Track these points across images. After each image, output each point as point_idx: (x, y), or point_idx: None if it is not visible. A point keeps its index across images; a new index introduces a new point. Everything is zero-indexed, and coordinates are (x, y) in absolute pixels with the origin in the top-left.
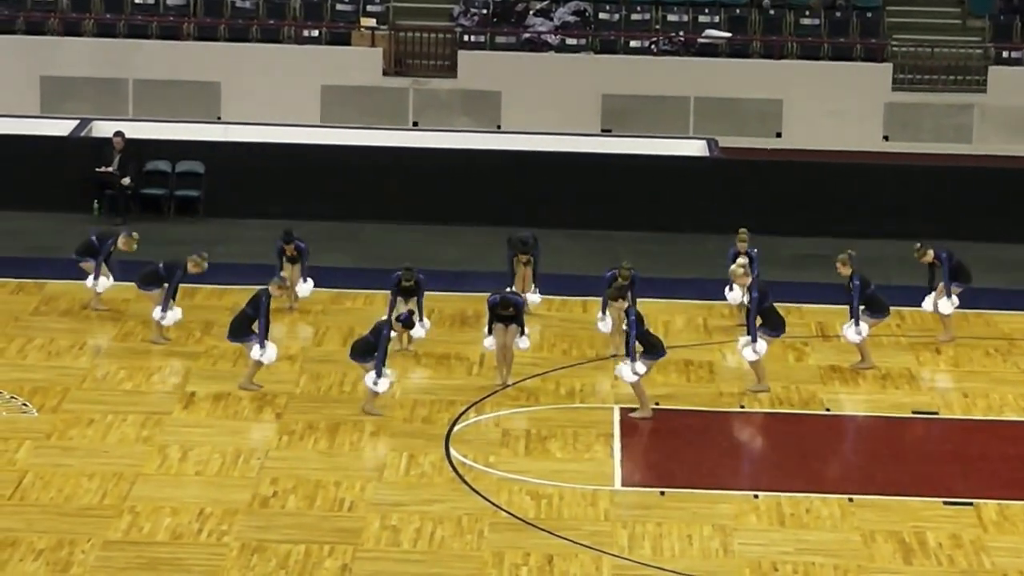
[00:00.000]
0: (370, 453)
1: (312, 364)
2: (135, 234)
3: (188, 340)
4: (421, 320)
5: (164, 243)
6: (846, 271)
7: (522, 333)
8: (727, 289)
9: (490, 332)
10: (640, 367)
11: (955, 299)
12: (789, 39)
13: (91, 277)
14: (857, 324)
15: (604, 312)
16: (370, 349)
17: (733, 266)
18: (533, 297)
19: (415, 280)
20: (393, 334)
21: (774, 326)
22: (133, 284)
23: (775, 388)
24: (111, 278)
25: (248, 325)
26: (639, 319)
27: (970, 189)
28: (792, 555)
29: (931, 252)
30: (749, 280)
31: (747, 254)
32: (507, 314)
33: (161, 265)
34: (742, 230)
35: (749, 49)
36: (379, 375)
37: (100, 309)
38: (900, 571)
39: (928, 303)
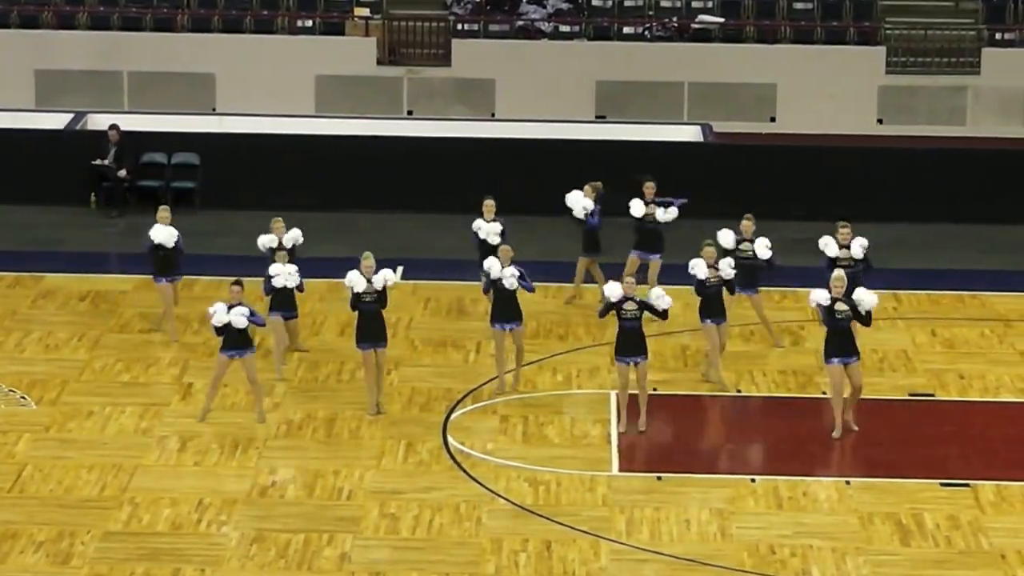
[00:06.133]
0: (368, 442)
1: (309, 353)
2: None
3: (186, 331)
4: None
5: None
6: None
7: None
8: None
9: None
10: None
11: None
12: (782, 23)
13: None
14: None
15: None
16: None
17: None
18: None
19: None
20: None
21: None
22: (130, 276)
23: (772, 372)
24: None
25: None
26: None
27: (965, 171)
28: (790, 538)
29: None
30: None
31: (751, 240)
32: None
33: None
34: (748, 216)
35: (742, 34)
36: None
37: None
38: (898, 553)
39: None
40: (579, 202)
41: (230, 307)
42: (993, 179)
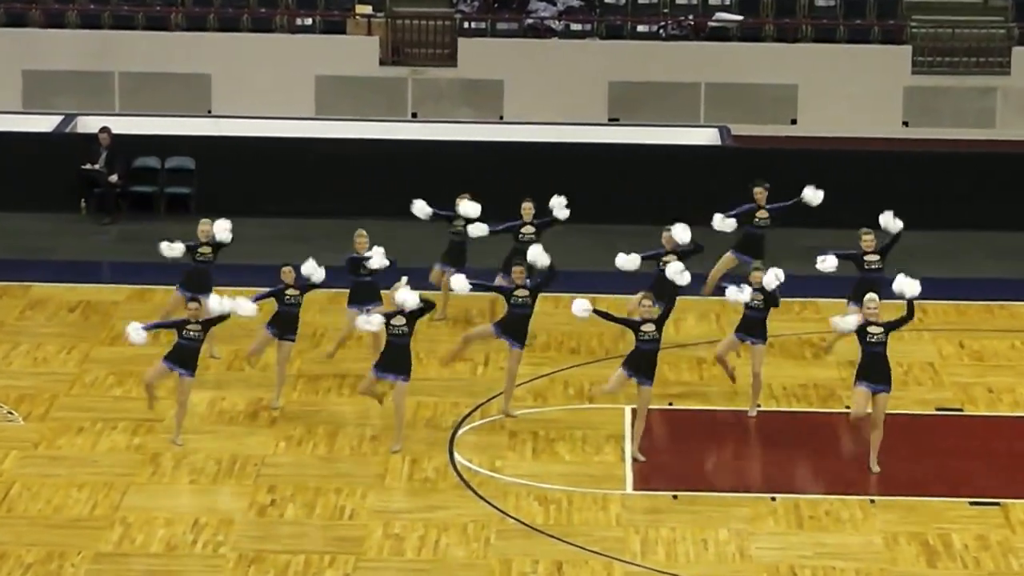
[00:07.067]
0: (371, 458)
1: (309, 366)
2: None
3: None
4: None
5: (155, 242)
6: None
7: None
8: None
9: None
10: None
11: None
12: (804, 21)
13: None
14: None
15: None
16: None
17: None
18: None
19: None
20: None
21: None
22: (122, 286)
23: (792, 385)
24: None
25: None
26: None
27: (994, 175)
28: (811, 559)
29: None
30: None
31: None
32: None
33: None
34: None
35: (762, 32)
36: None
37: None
38: (924, 574)
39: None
40: (423, 209)
41: (185, 323)
42: (1023, 183)
